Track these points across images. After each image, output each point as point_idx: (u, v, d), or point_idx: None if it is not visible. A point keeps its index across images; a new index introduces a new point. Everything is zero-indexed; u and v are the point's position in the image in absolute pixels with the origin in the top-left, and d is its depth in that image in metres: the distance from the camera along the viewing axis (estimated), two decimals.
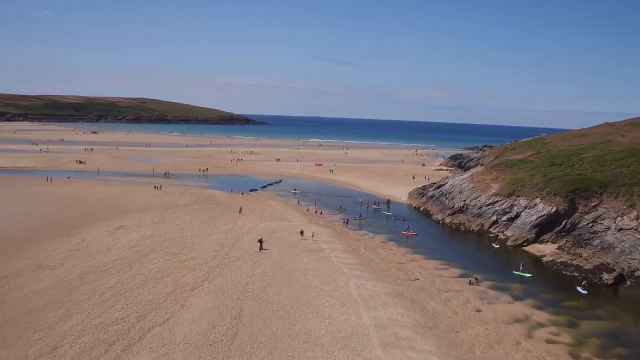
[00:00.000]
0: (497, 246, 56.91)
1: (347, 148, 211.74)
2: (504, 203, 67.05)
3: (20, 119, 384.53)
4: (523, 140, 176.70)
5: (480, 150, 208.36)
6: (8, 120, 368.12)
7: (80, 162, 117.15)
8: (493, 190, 70.82)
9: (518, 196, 66.83)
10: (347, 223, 64.13)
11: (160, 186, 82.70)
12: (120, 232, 54.10)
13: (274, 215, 67.17)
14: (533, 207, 63.49)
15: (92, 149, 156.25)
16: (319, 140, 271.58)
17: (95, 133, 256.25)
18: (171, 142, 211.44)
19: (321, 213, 71.08)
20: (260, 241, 49.14)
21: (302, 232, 54.95)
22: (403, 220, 69.82)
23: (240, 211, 66.84)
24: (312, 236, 54.52)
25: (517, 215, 64.24)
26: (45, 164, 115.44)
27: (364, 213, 73.75)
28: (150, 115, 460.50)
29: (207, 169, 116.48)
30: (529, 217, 62.25)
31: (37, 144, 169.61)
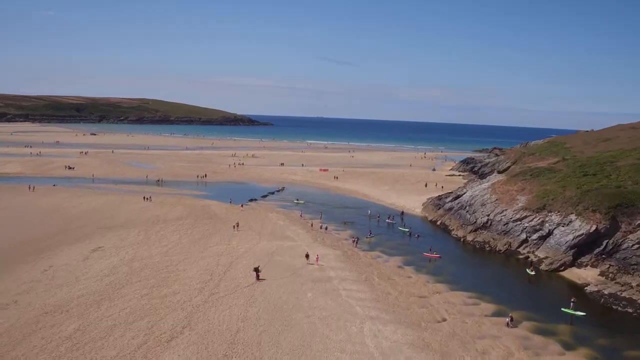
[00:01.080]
0: (533, 273, 49.12)
1: (353, 151, 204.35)
2: (533, 219, 59.42)
3: (21, 119, 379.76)
4: (534, 142, 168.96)
5: (491, 152, 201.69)
6: (9, 121, 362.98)
7: (69, 168, 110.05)
8: (520, 204, 63.19)
9: (549, 211, 59.22)
10: (357, 242, 56.58)
11: (150, 197, 75.25)
12: (96, 256, 46.85)
13: (274, 231, 59.78)
14: (568, 224, 55.86)
15: (86, 153, 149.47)
16: (323, 142, 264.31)
17: (95, 135, 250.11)
18: (171, 145, 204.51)
19: (326, 229, 63.56)
20: (257, 270, 41.78)
21: (307, 256, 47.60)
22: (418, 236, 62.32)
23: (236, 227, 59.59)
24: (317, 260, 47.15)
25: (550, 233, 56.64)
26: (33, 170, 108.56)
27: (375, 228, 66.15)
28: (153, 116, 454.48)
29: (205, 175, 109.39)
30: (564, 236, 54.61)
31: (30, 146, 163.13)
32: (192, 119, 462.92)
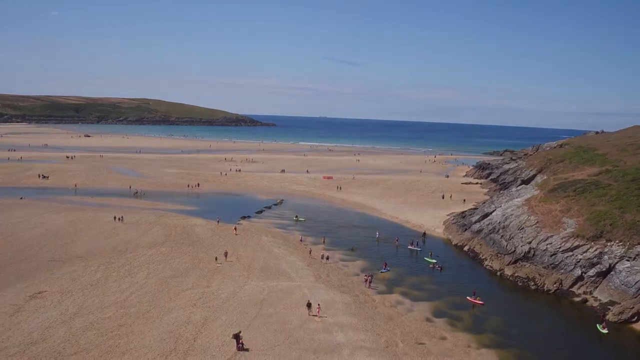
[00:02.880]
0: (606, 331, 37.45)
1: (359, 154, 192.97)
2: (588, 249, 48.05)
3: (18, 120, 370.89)
4: (547, 144, 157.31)
5: (503, 156, 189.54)
6: (5, 121, 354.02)
7: (43, 177, 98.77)
8: (569, 229, 51.80)
9: (608, 240, 47.89)
10: (370, 281, 45.13)
11: (122, 217, 63.77)
12: (32, 307, 35.77)
13: (268, 265, 48.43)
14: (635, 258, 44.56)
15: (72, 157, 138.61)
16: (327, 144, 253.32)
17: (89, 136, 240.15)
18: (167, 148, 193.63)
19: (327, 258, 52.00)
20: (238, 336, 30.53)
21: (309, 305, 36.53)
22: (441, 269, 51.04)
23: (222, 257, 48.57)
24: (318, 311, 36.05)
25: (611, 269, 45.32)
26: (4, 178, 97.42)
27: (391, 257, 54.57)
28: (153, 117, 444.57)
29: (197, 185, 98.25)
30: (633, 274, 43.19)
31: (15, 150, 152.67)
32: (193, 120, 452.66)
